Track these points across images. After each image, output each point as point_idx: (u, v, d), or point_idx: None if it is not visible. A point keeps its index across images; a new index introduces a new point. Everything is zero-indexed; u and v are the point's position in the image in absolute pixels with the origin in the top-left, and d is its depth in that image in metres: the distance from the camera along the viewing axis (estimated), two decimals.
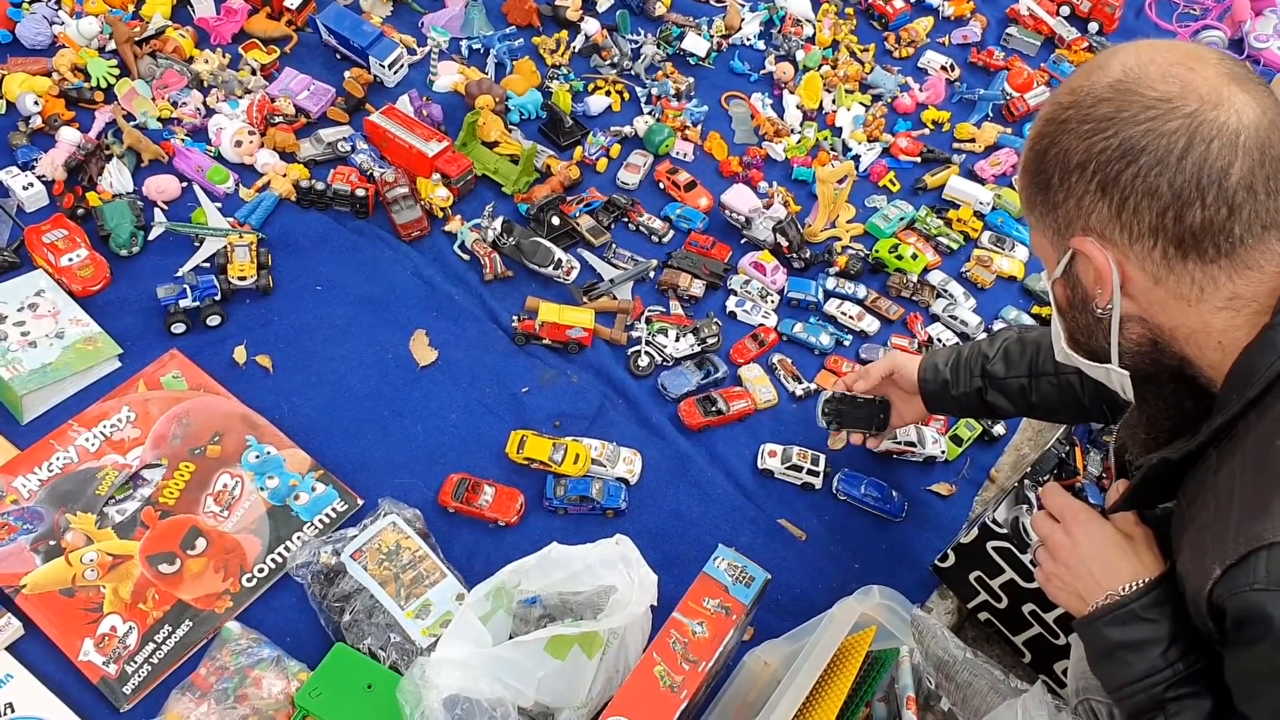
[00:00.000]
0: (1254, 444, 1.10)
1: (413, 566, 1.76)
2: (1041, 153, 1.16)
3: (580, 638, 1.58)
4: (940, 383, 1.89)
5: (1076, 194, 1.13)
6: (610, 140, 2.60)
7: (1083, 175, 1.11)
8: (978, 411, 1.94)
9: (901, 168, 2.70)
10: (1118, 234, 1.11)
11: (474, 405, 2.08)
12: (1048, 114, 1.17)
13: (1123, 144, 1.07)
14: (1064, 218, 1.16)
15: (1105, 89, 1.10)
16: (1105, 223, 1.12)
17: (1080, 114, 1.11)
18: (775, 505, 2.05)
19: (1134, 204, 1.08)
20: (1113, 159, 1.08)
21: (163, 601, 1.73)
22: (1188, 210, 1.06)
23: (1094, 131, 1.09)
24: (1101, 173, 1.09)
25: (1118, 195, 1.09)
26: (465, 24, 2.79)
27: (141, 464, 1.88)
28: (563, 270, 2.31)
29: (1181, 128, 1.05)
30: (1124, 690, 1.25)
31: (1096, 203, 1.11)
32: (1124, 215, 1.10)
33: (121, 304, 2.11)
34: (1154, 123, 1.06)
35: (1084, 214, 1.13)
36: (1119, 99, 1.08)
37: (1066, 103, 1.13)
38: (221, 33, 2.61)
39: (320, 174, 2.38)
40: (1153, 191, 1.07)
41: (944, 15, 3.12)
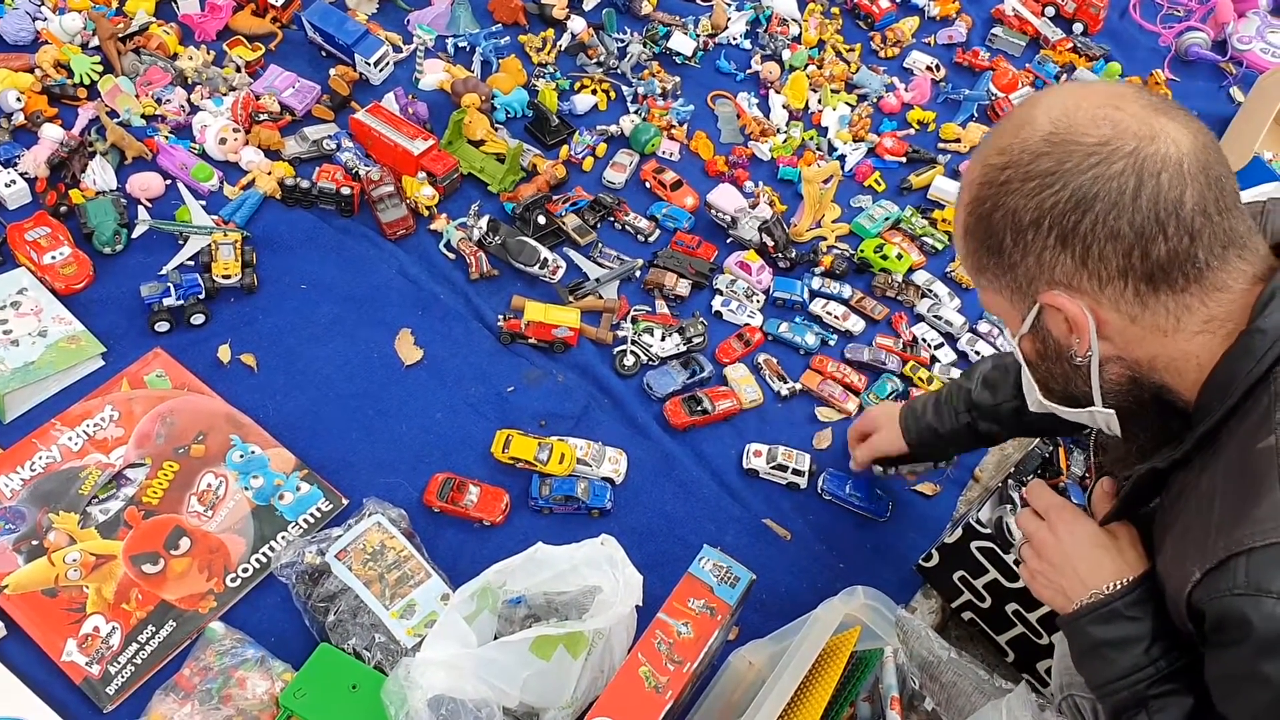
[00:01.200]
0: (1234, 449, 1.11)
1: (397, 566, 1.76)
2: (985, 216, 1.14)
3: (565, 638, 1.58)
4: (924, 429, 1.88)
5: (1035, 251, 1.12)
6: (596, 139, 2.60)
7: (1038, 232, 1.10)
8: (971, 444, 1.91)
9: (887, 168, 2.70)
10: (1086, 282, 1.11)
11: (459, 405, 2.08)
12: (981, 177, 1.15)
13: (1074, 194, 1.07)
14: (1024, 276, 1.15)
15: (1040, 143, 1.09)
16: (1071, 274, 1.12)
17: (1020, 172, 1.10)
18: (760, 505, 2.05)
19: (1098, 250, 1.09)
20: (1066, 211, 1.08)
21: (146, 602, 1.72)
22: (1152, 246, 1.07)
23: (1041, 188, 1.09)
24: (1058, 226, 1.09)
25: (1079, 245, 1.09)
26: (451, 22, 2.79)
27: (125, 463, 1.88)
28: (549, 269, 2.31)
29: (1128, 167, 1.05)
30: (1107, 687, 1.26)
31: (1058, 256, 1.11)
32: (1089, 263, 1.10)
33: (105, 302, 2.10)
34: (1099, 168, 1.06)
35: (1046, 269, 1.13)
36: (1057, 151, 1.08)
37: (1000, 163, 1.12)
38: (206, 29, 2.60)
39: (305, 172, 2.38)
40: (1115, 235, 1.07)
41: (929, 15, 3.12)
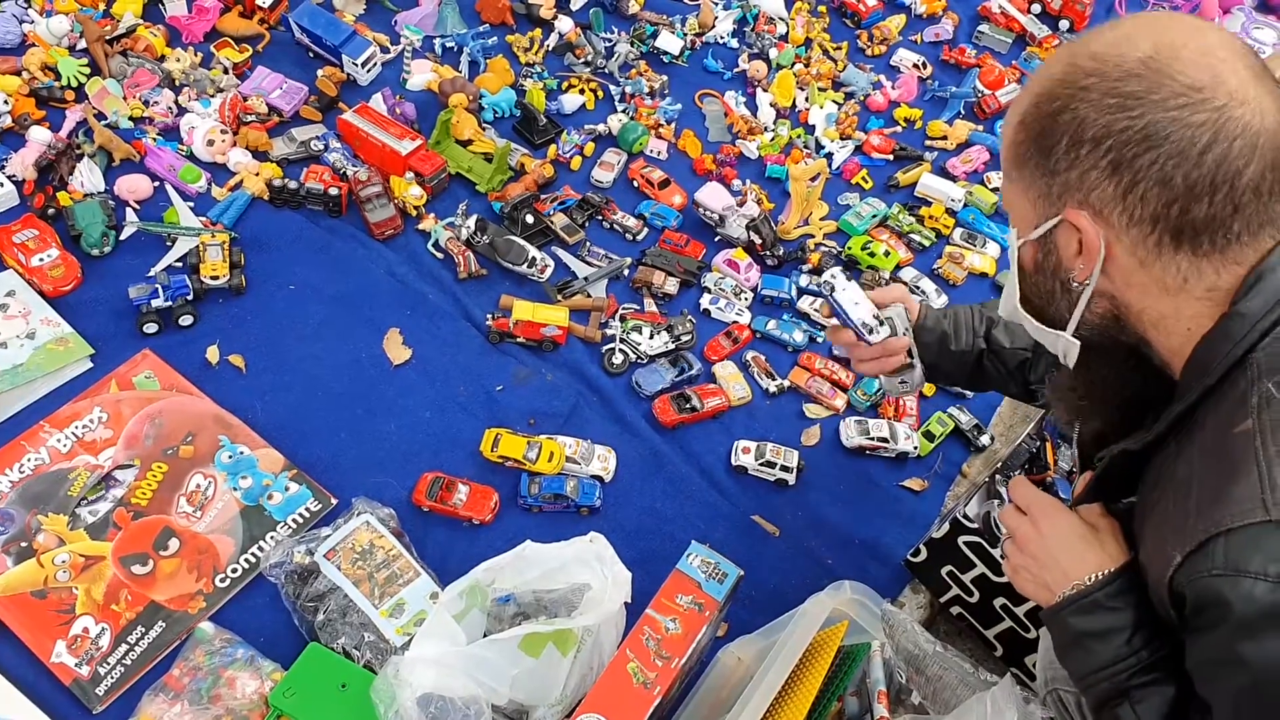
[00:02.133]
0: (1212, 432, 1.11)
1: (386, 566, 1.76)
2: (1051, 113, 1.11)
3: (554, 635, 1.59)
4: (938, 334, 1.79)
5: (1083, 166, 1.09)
6: (584, 138, 2.60)
7: (1095, 149, 1.08)
8: (965, 375, 1.84)
9: (874, 165, 2.71)
10: (1116, 215, 1.10)
11: (448, 404, 2.08)
12: (1063, 74, 1.11)
13: (1147, 127, 1.04)
14: (1060, 185, 1.13)
15: (1136, 64, 1.05)
16: (1106, 201, 1.10)
17: (1105, 85, 1.06)
18: (749, 502, 2.06)
19: (1143, 190, 1.06)
20: (1132, 141, 1.05)
21: (135, 602, 1.73)
22: (1195, 204, 1.05)
23: (1118, 108, 1.05)
24: (1117, 152, 1.06)
25: (1128, 178, 1.07)
26: (439, 22, 2.79)
27: (113, 465, 1.88)
28: (537, 268, 2.31)
29: (1208, 121, 1.03)
30: (1090, 678, 1.26)
31: (1103, 180, 1.09)
32: (1129, 199, 1.08)
33: (93, 304, 2.10)
34: (1182, 111, 1.03)
35: (1085, 188, 1.10)
36: (1150, 77, 1.04)
37: (1089, 68, 1.08)
38: (193, 31, 2.60)
39: (293, 173, 2.38)
40: (1166, 181, 1.05)
41: (916, 13, 3.13)
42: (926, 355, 1.79)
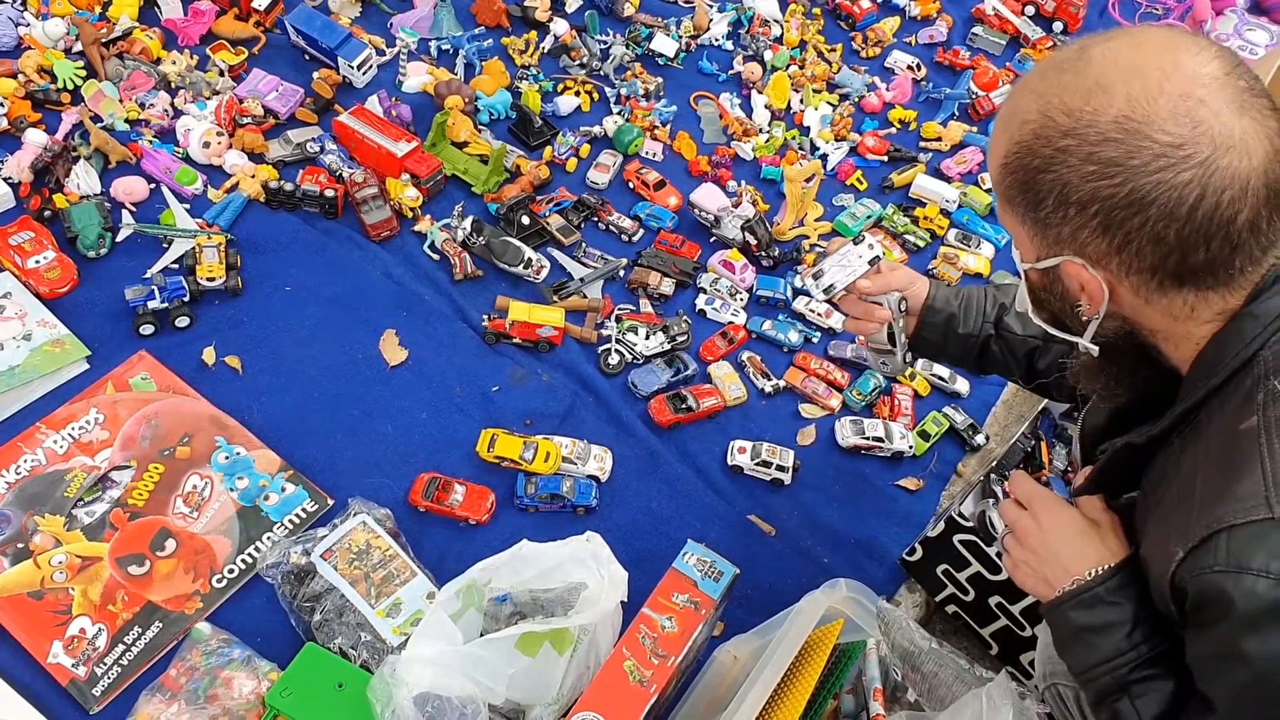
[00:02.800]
0: (1217, 429, 1.11)
1: (383, 566, 1.76)
2: (1034, 170, 1.08)
3: (551, 634, 1.59)
4: (946, 315, 1.74)
5: (1073, 224, 1.08)
6: (580, 140, 2.61)
7: (1083, 211, 1.06)
8: (970, 358, 1.79)
9: (869, 166, 2.72)
10: (1114, 265, 1.09)
11: (444, 404, 2.08)
12: (1039, 128, 1.07)
13: (1131, 194, 1.02)
14: (1054, 236, 1.12)
15: (1110, 125, 1.02)
16: (1101, 254, 1.08)
17: (1084, 149, 1.04)
18: (745, 501, 2.06)
19: (1136, 247, 1.05)
20: (1119, 206, 1.03)
21: (132, 603, 1.73)
22: (1192, 255, 1.04)
23: (1099, 175, 1.03)
24: (1105, 215, 1.05)
25: (1120, 237, 1.05)
26: (434, 25, 2.80)
27: (110, 466, 1.88)
28: (533, 269, 2.31)
29: (1194, 179, 1.00)
30: (1089, 673, 1.25)
31: (1095, 237, 1.07)
32: (1124, 255, 1.07)
33: (89, 306, 2.10)
34: (1165, 174, 1.00)
35: (1079, 243, 1.09)
36: (1128, 141, 1.01)
37: (1064, 126, 1.05)
38: (189, 34, 2.60)
39: (289, 175, 2.38)
40: (1159, 239, 1.03)
41: (910, 15, 3.14)
42: (932, 334, 1.75)
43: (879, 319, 1.75)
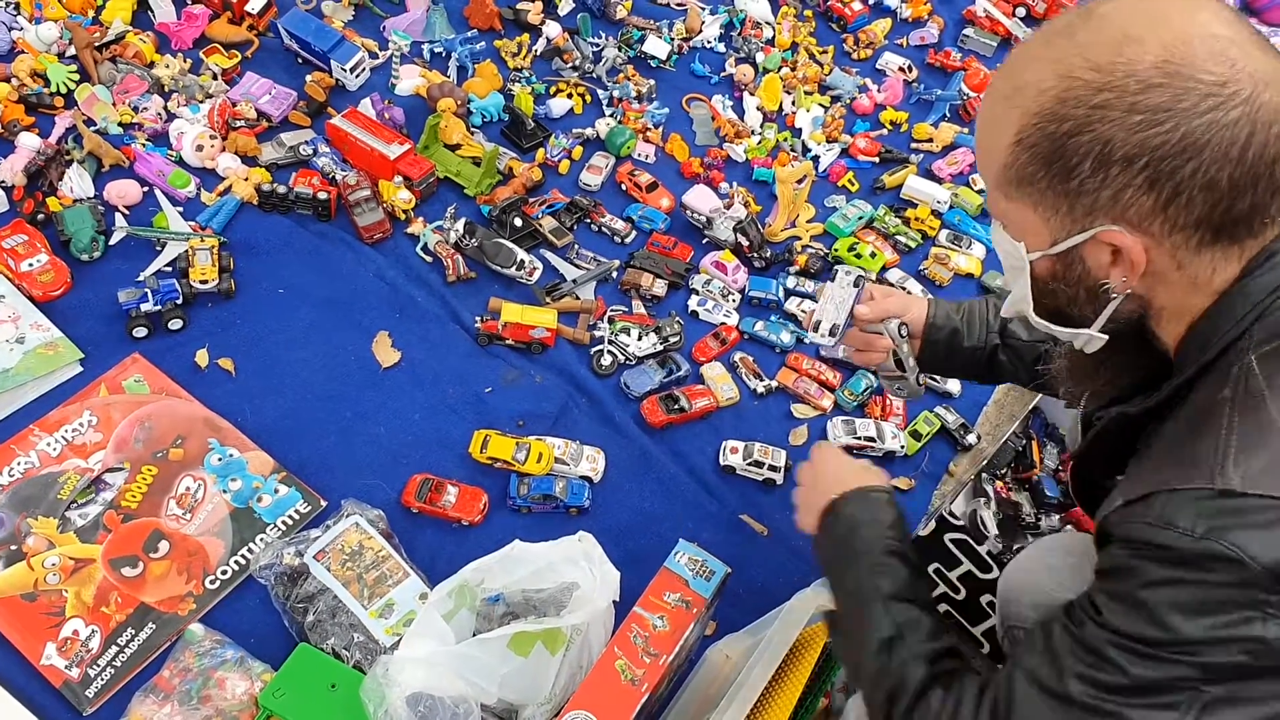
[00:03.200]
0: (1199, 401, 1.10)
1: (376, 566, 1.77)
2: (1062, 136, 1.03)
3: (543, 634, 1.60)
4: (949, 331, 1.74)
5: (1115, 186, 1.03)
6: (572, 142, 2.62)
7: (1128, 168, 1.01)
8: (979, 370, 1.78)
9: (860, 168, 2.73)
10: (1157, 225, 1.04)
11: (437, 406, 2.09)
12: (1063, 90, 1.03)
13: (1184, 138, 0.98)
14: (1087, 205, 1.06)
15: (1152, 71, 0.98)
16: (1145, 215, 1.04)
17: (1125, 100, 0.99)
18: (737, 501, 2.07)
19: (1187, 197, 1.01)
20: (1170, 154, 0.99)
21: (125, 605, 1.73)
22: (1240, 200, 1.01)
23: (1147, 124, 0.99)
24: (1154, 168, 1.00)
25: (1169, 189, 1.01)
26: (427, 28, 2.80)
27: (103, 468, 1.88)
28: (525, 271, 2.32)
29: (1243, 116, 0.97)
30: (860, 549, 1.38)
31: (1140, 195, 1.02)
32: (1171, 209, 1.02)
33: (83, 309, 2.11)
34: (1216, 113, 0.97)
35: (1120, 206, 1.04)
36: (1172, 84, 0.98)
37: (1095, 82, 1.00)
38: (182, 38, 2.61)
39: (282, 177, 2.39)
40: (1211, 185, 1.00)
41: (902, 17, 3.16)
42: (938, 352, 1.75)
43: (881, 348, 1.76)
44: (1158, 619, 1.01)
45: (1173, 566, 1.00)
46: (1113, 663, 1.04)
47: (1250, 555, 0.95)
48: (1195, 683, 1.00)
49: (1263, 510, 0.96)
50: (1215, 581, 0.98)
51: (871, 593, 1.32)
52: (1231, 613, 0.97)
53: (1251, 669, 0.98)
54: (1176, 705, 1.01)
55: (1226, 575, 0.96)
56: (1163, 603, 1.01)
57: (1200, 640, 0.99)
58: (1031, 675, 1.11)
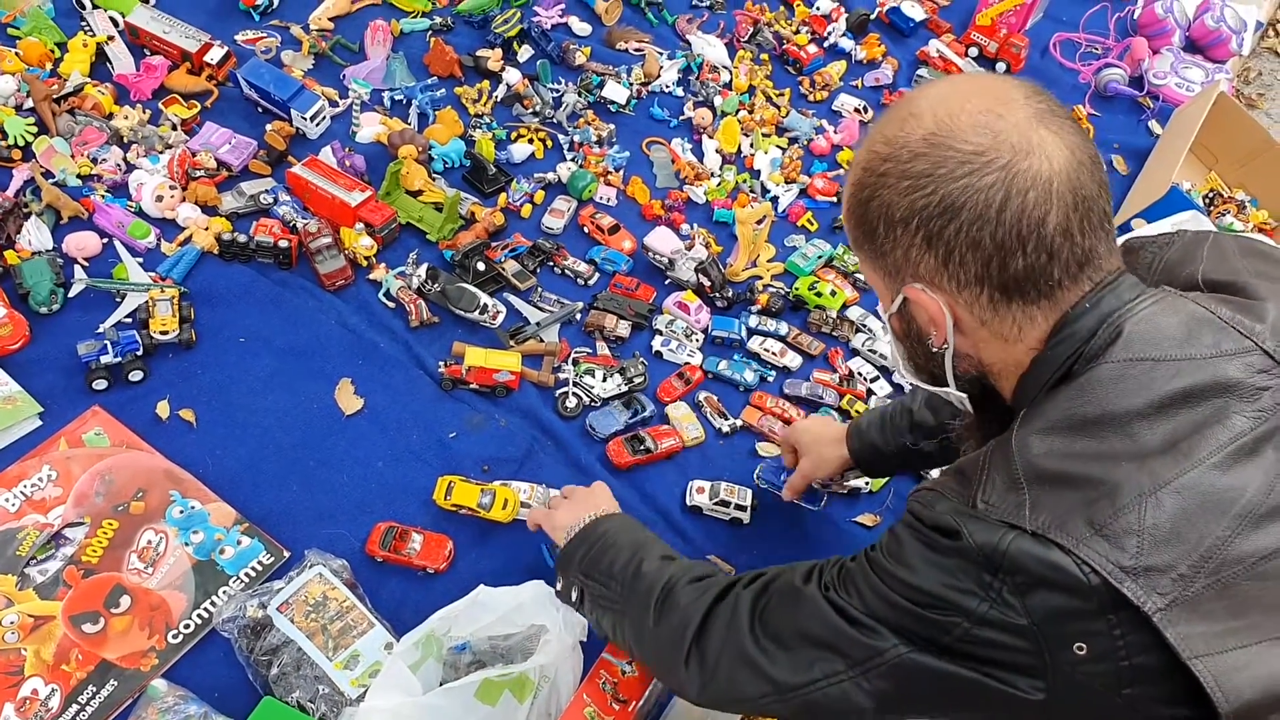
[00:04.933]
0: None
1: (340, 617, 1.75)
2: (864, 202, 1.19)
3: (511, 682, 1.59)
4: (869, 447, 1.94)
5: (903, 245, 1.17)
6: (534, 186, 2.63)
7: (907, 229, 1.15)
8: (913, 464, 1.99)
9: (819, 207, 2.76)
10: (946, 281, 1.17)
11: (401, 452, 2.08)
12: (865, 162, 1.19)
13: (943, 200, 1.11)
14: (893, 265, 1.21)
15: (919, 143, 1.13)
16: (933, 272, 1.17)
17: (898, 168, 1.14)
18: (705, 541, 2.07)
19: (959, 256, 1.14)
20: (934, 215, 1.12)
21: (86, 662, 1.71)
22: (1010, 260, 1.12)
23: (913, 189, 1.13)
24: (925, 228, 1.14)
25: (943, 248, 1.14)
26: (387, 75, 2.82)
27: (63, 523, 1.86)
28: (489, 315, 2.33)
29: (998, 181, 1.09)
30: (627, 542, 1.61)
31: (923, 254, 1.16)
32: (950, 266, 1.15)
33: (41, 362, 2.09)
34: (970, 178, 1.10)
35: (912, 264, 1.18)
36: (934, 154, 1.12)
37: (883, 154, 1.16)
38: (141, 89, 2.61)
39: (243, 226, 2.39)
40: (976, 244, 1.12)
41: (856, 59, 3.21)
42: (867, 468, 2.01)
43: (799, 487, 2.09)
44: (906, 558, 1.17)
45: (925, 529, 1.16)
46: (862, 591, 1.22)
47: (968, 531, 1.10)
48: (905, 638, 1.17)
49: (988, 519, 1.10)
50: (945, 547, 1.12)
51: (641, 561, 1.53)
52: (962, 581, 1.10)
53: (966, 640, 1.12)
54: (877, 649, 1.19)
55: (951, 543, 1.12)
56: (913, 544, 1.17)
57: (931, 594, 1.13)
58: (814, 571, 1.33)
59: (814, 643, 1.25)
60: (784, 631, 1.30)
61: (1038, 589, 1.06)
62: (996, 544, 1.07)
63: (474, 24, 3.00)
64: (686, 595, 1.44)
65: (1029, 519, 1.08)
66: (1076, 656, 1.06)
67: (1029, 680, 1.10)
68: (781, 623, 1.31)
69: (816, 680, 1.24)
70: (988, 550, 1.08)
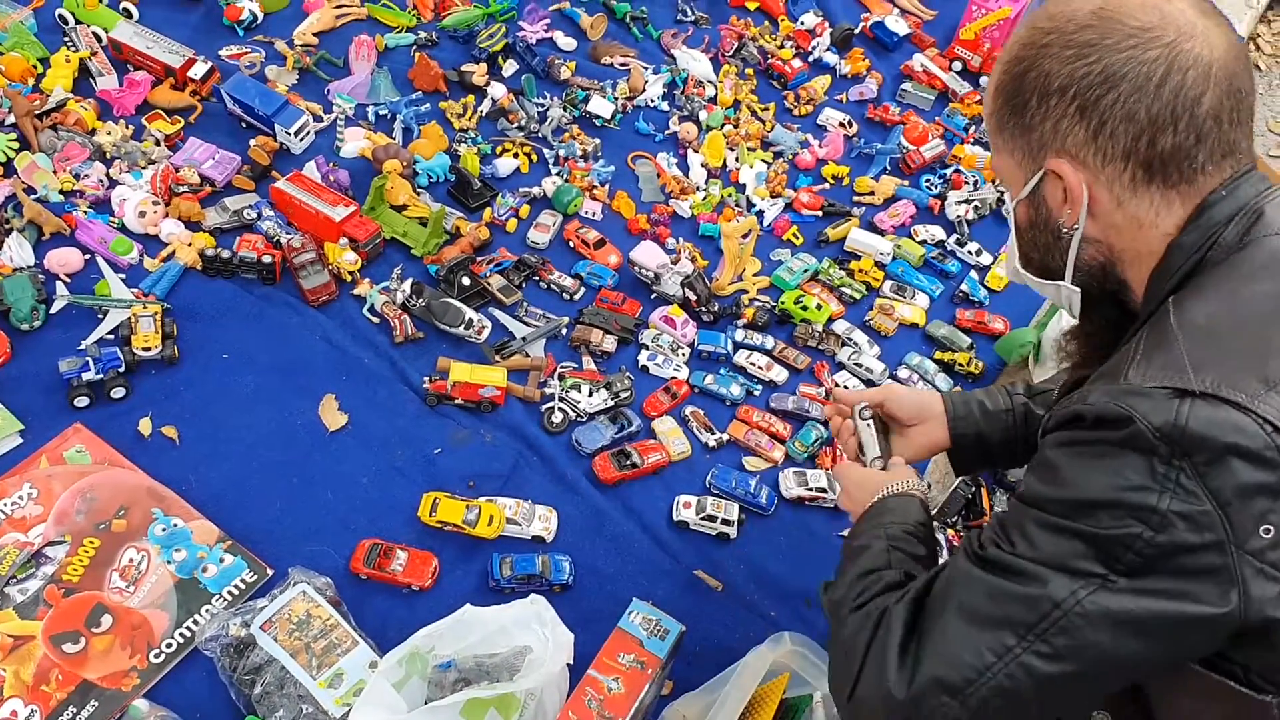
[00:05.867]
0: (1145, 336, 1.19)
1: (324, 635, 1.74)
2: (1019, 75, 1.20)
3: (496, 700, 1.58)
4: (975, 403, 1.75)
5: (1054, 117, 1.18)
6: (519, 201, 2.63)
7: (1062, 98, 1.17)
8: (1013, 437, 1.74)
9: (804, 221, 2.76)
10: (1091, 156, 1.18)
11: (385, 469, 2.07)
12: (1025, 38, 1.21)
13: (1104, 70, 1.13)
14: (1038, 140, 1.22)
15: (1088, 15, 1.15)
16: (1080, 145, 1.18)
17: (1062, 39, 1.16)
18: (691, 556, 2.06)
19: (1111, 128, 1.15)
20: (1094, 84, 1.14)
21: (66, 682, 1.69)
22: (1161, 136, 1.14)
23: (1076, 57, 1.15)
24: (1081, 97, 1.15)
25: (1096, 119, 1.15)
26: (371, 90, 2.82)
27: (44, 541, 1.85)
28: (474, 330, 2.32)
29: (1160, 56, 1.12)
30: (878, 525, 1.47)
31: (1074, 126, 1.17)
32: (1100, 139, 1.16)
33: (22, 379, 2.08)
34: (1135, 50, 1.12)
35: (1060, 136, 1.19)
36: (1101, 26, 1.14)
37: (1047, 28, 1.18)
38: (124, 104, 2.60)
39: (226, 242, 2.38)
40: (1130, 116, 1.13)
41: (841, 74, 3.21)
42: (969, 430, 1.75)
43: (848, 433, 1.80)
44: (1061, 477, 1.12)
45: (1078, 428, 1.12)
46: (1024, 532, 1.14)
47: (1140, 413, 1.04)
48: (1080, 575, 1.08)
49: (1155, 394, 1.06)
50: (1112, 440, 1.07)
51: (876, 542, 1.44)
52: (1129, 478, 1.05)
53: (1148, 554, 1.05)
54: (1052, 601, 1.10)
55: (1120, 433, 1.06)
56: (1068, 460, 1.12)
57: (1098, 502, 1.07)
58: (961, 549, 1.24)
59: (978, 622, 1.14)
60: (942, 626, 1.18)
61: (1218, 464, 1.02)
62: (1174, 420, 1.03)
63: (459, 39, 2.99)
64: (851, 625, 1.32)
65: (1194, 380, 1.04)
66: (1264, 542, 1.02)
67: (1218, 587, 1.03)
68: (935, 619, 1.20)
69: (990, 665, 1.11)
70: (1165, 430, 1.03)
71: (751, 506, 2.14)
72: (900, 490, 1.53)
